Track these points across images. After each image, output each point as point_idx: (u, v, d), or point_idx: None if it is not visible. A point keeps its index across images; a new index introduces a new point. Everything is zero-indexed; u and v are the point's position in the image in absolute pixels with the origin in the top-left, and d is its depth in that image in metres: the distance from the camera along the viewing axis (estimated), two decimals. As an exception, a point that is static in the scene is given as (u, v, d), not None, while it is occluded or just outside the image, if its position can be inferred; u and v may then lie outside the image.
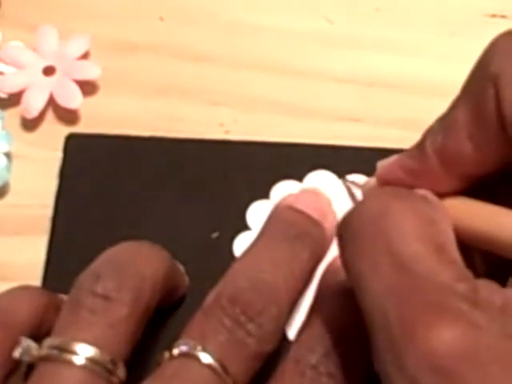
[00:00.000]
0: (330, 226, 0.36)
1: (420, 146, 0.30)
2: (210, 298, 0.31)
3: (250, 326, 0.30)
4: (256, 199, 0.39)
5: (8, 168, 0.40)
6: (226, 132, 0.42)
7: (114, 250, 0.33)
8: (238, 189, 0.39)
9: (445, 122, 0.29)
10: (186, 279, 0.37)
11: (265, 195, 0.39)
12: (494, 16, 0.44)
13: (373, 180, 0.34)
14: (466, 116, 0.28)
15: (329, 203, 0.37)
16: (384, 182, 0.31)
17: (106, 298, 0.30)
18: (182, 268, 0.36)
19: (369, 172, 0.38)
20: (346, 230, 0.28)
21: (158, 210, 0.39)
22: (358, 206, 0.28)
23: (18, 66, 0.43)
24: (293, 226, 0.34)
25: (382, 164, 0.32)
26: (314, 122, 0.42)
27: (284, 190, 0.39)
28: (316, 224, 0.35)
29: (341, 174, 0.39)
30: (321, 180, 0.39)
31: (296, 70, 0.43)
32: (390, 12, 0.44)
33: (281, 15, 0.45)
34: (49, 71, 0.43)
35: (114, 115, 0.43)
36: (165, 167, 0.40)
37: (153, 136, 0.41)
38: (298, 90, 0.43)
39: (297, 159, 0.39)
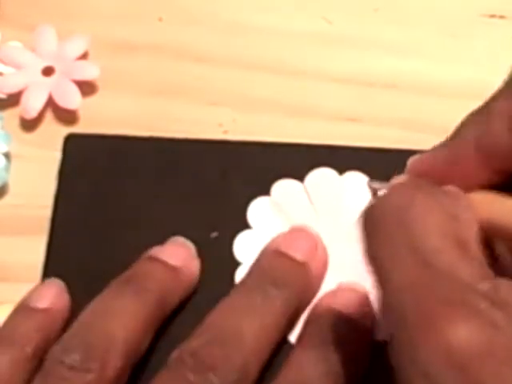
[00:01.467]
0: (317, 264, 0.36)
1: (457, 133, 0.30)
2: (174, 354, 0.32)
3: (213, 378, 0.30)
4: (256, 197, 0.39)
5: (7, 168, 0.40)
6: (225, 132, 0.42)
7: (86, 314, 0.33)
8: (238, 189, 0.39)
9: (486, 111, 0.29)
10: (195, 269, 0.36)
11: (265, 193, 0.39)
12: (492, 16, 0.44)
13: (399, 179, 0.34)
14: (508, 108, 0.28)
15: (317, 240, 0.36)
16: (415, 176, 0.31)
17: (74, 368, 0.31)
18: (190, 251, 0.36)
19: (368, 171, 0.39)
20: (369, 221, 0.28)
21: (157, 210, 0.39)
22: (382, 198, 0.28)
23: (17, 66, 0.43)
24: (270, 272, 0.34)
25: (414, 158, 0.32)
26: (313, 122, 0.42)
27: (285, 187, 0.39)
28: (299, 266, 0.35)
29: (341, 174, 0.39)
30: (322, 178, 0.39)
31: (295, 70, 0.43)
32: (388, 12, 0.44)
33: (280, 15, 0.45)
34: (48, 71, 0.43)
35: (113, 115, 0.43)
36: (164, 167, 0.40)
37: (152, 136, 0.41)
38: (297, 90, 0.43)
39: (296, 159, 0.39)
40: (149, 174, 0.40)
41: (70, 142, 0.41)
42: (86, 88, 0.43)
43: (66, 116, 0.42)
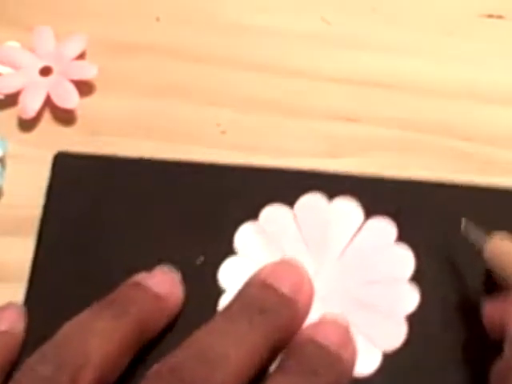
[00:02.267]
0: (303, 298, 0.35)
1: None
2: (153, 368, 0.32)
3: None
4: (244, 223, 0.38)
5: (1, 174, 0.40)
6: (223, 132, 0.42)
7: (65, 330, 0.33)
8: (226, 213, 0.38)
9: None
10: (179, 298, 0.36)
11: (253, 219, 0.38)
12: (490, 16, 0.44)
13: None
14: None
15: (304, 275, 0.36)
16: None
17: (45, 378, 0.31)
18: (175, 281, 0.36)
19: (358, 197, 0.38)
20: None
21: (144, 232, 0.38)
22: None
23: (15, 66, 0.43)
24: (258, 301, 0.34)
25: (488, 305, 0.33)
26: (311, 122, 0.42)
27: (273, 213, 0.38)
28: (286, 299, 0.34)
29: (330, 200, 0.38)
30: (312, 205, 0.38)
31: (293, 70, 0.43)
32: (387, 12, 0.44)
33: (278, 16, 0.45)
34: (45, 71, 0.43)
35: (111, 115, 0.43)
36: (152, 189, 0.39)
37: (142, 158, 0.40)
38: (295, 90, 0.43)
39: (286, 184, 0.39)
40: (137, 195, 0.39)
41: (59, 160, 0.40)
42: (84, 88, 0.43)
43: (64, 116, 0.42)
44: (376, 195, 0.38)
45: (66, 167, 0.40)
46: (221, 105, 0.42)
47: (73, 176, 0.40)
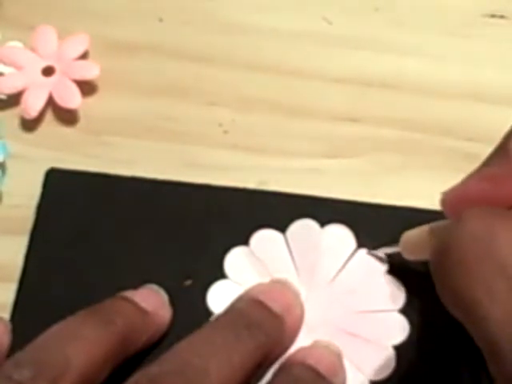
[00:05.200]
0: (293, 319, 0.35)
1: (501, 149, 0.29)
2: (132, 377, 0.31)
3: None
4: (234, 247, 0.38)
5: (0, 180, 0.40)
6: (225, 132, 0.42)
7: (45, 335, 0.32)
8: (217, 236, 0.38)
9: None
10: (165, 317, 0.36)
11: (244, 243, 0.38)
12: (493, 16, 0.44)
13: (408, 234, 0.34)
14: None
15: (296, 296, 0.36)
16: (456, 206, 0.30)
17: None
18: (163, 299, 0.36)
19: (349, 223, 0.38)
20: (449, 255, 0.27)
21: (133, 252, 0.38)
22: (457, 229, 0.27)
23: (17, 66, 0.43)
24: (246, 316, 0.34)
25: (451, 190, 0.30)
26: (312, 122, 0.42)
27: (265, 238, 0.38)
28: (275, 318, 0.34)
29: (322, 226, 0.38)
30: (304, 230, 0.38)
31: (295, 70, 0.43)
32: (388, 12, 0.44)
33: (280, 15, 0.45)
34: (48, 71, 0.43)
35: (113, 115, 0.43)
36: (142, 209, 0.39)
37: (134, 176, 0.40)
38: (296, 90, 0.43)
39: (278, 209, 0.38)
40: (126, 214, 0.39)
41: (51, 177, 0.40)
42: (86, 88, 0.43)
43: (66, 116, 0.42)
44: (369, 223, 0.38)
45: (57, 183, 0.40)
46: (222, 105, 0.42)
47: (64, 193, 0.40)
